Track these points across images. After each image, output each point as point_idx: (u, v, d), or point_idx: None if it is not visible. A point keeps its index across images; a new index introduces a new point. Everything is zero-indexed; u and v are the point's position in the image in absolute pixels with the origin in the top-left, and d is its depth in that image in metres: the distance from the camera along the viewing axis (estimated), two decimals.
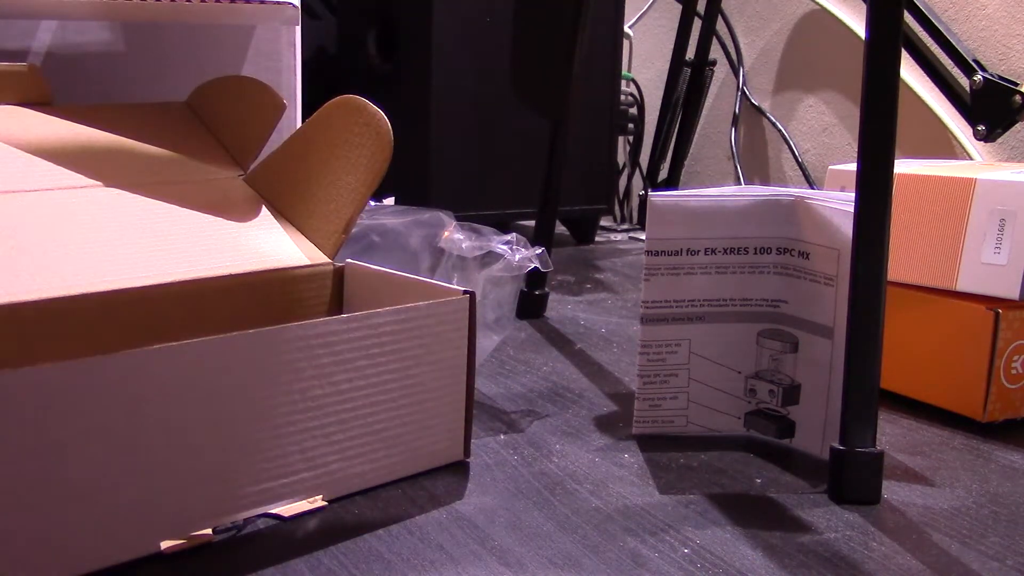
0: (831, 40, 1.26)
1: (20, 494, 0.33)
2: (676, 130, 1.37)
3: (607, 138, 1.26)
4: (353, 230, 0.53)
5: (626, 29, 1.33)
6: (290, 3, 0.71)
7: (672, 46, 1.32)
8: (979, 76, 0.93)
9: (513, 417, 0.56)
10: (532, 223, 0.90)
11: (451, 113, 1.09)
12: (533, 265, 0.57)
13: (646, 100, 1.44)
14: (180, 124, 0.59)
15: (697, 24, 1.31)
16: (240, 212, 0.52)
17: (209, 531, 0.39)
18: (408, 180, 1.09)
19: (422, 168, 1.09)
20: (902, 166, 0.63)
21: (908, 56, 0.97)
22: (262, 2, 0.69)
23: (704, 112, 1.42)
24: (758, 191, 0.52)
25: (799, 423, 0.52)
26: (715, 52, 1.35)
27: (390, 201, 0.70)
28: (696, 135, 1.42)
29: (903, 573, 0.39)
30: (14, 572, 0.34)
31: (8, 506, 0.33)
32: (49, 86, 0.57)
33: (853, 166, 0.47)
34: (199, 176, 0.54)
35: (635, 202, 1.50)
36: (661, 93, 1.37)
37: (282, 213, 0.54)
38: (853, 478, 0.46)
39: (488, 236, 0.56)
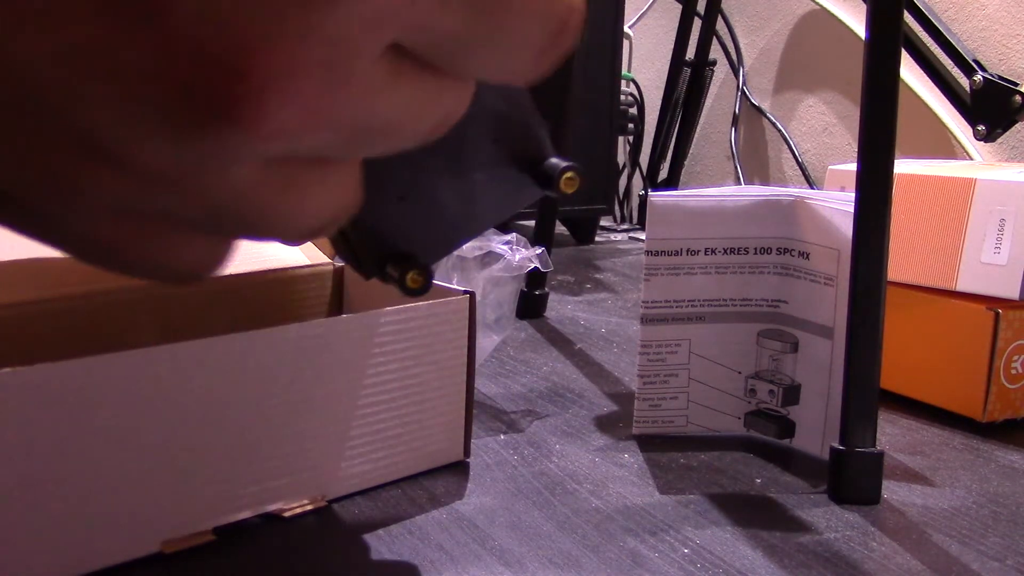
0: (831, 40, 1.26)
1: (19, 494, 0.33)
2: (676, 130, 1.37)
3: (607, 138, 1.26)
4: None
5: (626, 29, 1.33)
6: None
7: (672, 46, 1.32)
8: (979, 76, 0.93)
9: (513, 417, 0.56)
10: (532, 223, 0.90)
11: None
12: (533, 265, 0.57)
13: (646, 100, 1.44)
14: None
15: (697, 24, 1.31)
16: None
17: (209, 531, 0.39)
18: None
19: None
20: (902, 166, 0.63)
21: (908, 56, 0.97)
22: None
23: (704, 112, 1.42)
24: (758, 191, 0.52)
25: (799, 423, 0.52)
26: (715, 52, 1.35)
27: None
28: (696, 135, 1.42)
29: (903, 573, 0.39)
30: (14, 572, 0.34)
31: (8, 506, 0.33)
32: None
33: (853, 166, 0.47)
34: None
35: (635, 202, 1.50)
36: (661, 93, 1.37)
37: None
38: (853, 478, 0.46)
39: (488, 236, 0.56)
